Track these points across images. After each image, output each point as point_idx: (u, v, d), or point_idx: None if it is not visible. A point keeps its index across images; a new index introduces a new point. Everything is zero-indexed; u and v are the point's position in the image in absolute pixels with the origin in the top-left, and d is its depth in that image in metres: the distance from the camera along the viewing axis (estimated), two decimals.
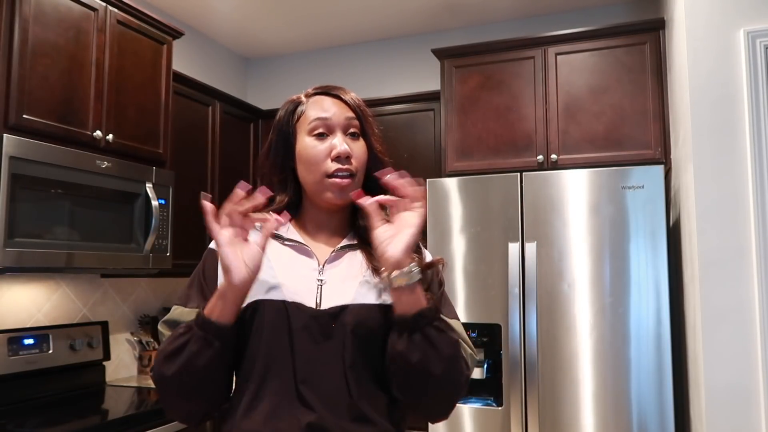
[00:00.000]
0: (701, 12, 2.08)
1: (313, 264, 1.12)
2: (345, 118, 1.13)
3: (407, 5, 3.33)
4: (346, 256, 1.14)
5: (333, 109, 1.14)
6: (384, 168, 1.09)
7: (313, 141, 1.12)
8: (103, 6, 2.38)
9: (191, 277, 1.17)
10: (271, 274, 1.09)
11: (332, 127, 1.12)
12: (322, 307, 1.07)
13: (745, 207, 1.98)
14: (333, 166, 1.10)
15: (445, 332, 1.03)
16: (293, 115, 1.16)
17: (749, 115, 1.98)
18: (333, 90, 1.17)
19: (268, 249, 1.09)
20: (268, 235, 1.00)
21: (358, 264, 1.13)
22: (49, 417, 2.20)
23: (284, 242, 1.14)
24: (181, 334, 1.02)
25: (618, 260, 2.40)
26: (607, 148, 2.67)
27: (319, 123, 1.12)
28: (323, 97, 1.16)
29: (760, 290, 1.93)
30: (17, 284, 2.43)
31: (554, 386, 2.42)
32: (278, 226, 1.01)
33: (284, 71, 4.02)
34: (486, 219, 2.58)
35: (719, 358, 1.96)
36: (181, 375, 1.01)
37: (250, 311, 1.06)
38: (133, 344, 2.96)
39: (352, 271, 1.12)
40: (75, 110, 2.25)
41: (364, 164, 1.14)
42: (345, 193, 1.11)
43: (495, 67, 2.89)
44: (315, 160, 1.11)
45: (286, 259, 1.12)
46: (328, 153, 1.11)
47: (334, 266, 1.12)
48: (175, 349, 1.01)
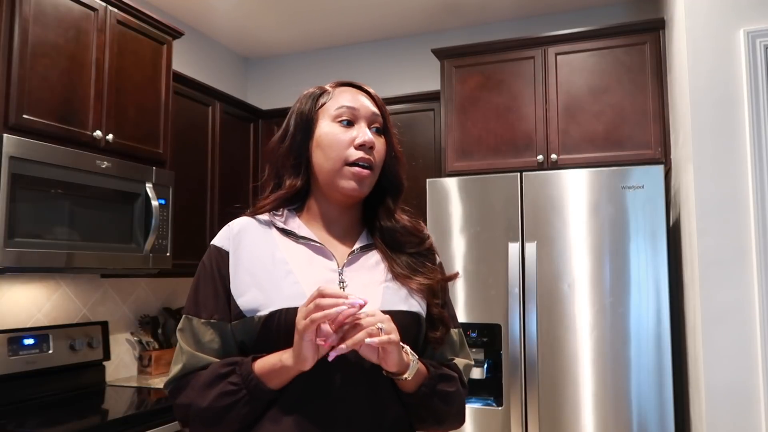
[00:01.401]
0: (701, 12, 2.08)
1: (332, 265, 1.09)
2: (371, 113, 1.13)
3: (407, 5, 3.33)
4: (362, 257, 1.12)
5: (361, 101, 1.13)
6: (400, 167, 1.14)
7: (338, 127, 1.11)
8: (103, 6, 2.38)
9: (198, 281, 1.11)
10: (292, 278, 1.05)
11: (358, 118, 1.12)
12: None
13: (745, 207, 1.98)
14: (356, 154, 1.08)
15: (447, 391, 1.08)
16: (316, 101, 1.14)
17: (749, 115, 1.98)
18: (360, 84, 1.18)
19: (282, 247, 1.08)
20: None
21: (377, 266, 1.12)
22: (49, 417, 2.20)
23: (298, 240, 1.10)
24: (230, 392, 0.99)
25: (618, 260, 2.40)
26: (607, 148, 2.67)
27: (346, 111, 1.11)
28: (351, 89, 1.16)
29: (760, 290, 1.93)
30: (17, 284, 2.43)
31: (554, 386, 2.42)
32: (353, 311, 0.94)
33: (284, 71, 4.02)
34: (486, 219, 2.58)
35: (719, 358, 1.96)
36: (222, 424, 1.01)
37: (275, 320, 1.02)
38: (133, 344, 2.96)
39: (372, 274, 1.10)
40: (75, 110, 2.25)
41: (382, 160, 1.13)
42: (362, 184, 1.09)
43: (495, 67, 2.89)
44: (337, 146, 1.09)
45: (304, 261, 1.08)
46: (351, 141, 1.09)
47: (353, 269, 1.10)
48: (224, 407, 0.99)
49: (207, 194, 3.08)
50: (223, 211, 3.16)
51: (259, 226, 1.12)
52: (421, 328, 1.11)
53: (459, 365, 1.16)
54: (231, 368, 1.01)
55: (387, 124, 1.16)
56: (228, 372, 1.00)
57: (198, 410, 1.01)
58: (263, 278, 1.06)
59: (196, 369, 1.04)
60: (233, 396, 0.99)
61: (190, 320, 1.08)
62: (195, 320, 1.07)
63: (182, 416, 1.05)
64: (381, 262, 1.12)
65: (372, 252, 1.14)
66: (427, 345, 1.13)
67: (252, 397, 0.98)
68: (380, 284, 1.09)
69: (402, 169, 1.17)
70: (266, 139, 3.54)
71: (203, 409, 1.00)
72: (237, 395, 0.99)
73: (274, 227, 1.12)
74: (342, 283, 1.07)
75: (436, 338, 1.11)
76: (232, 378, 1.00)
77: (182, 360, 1.06)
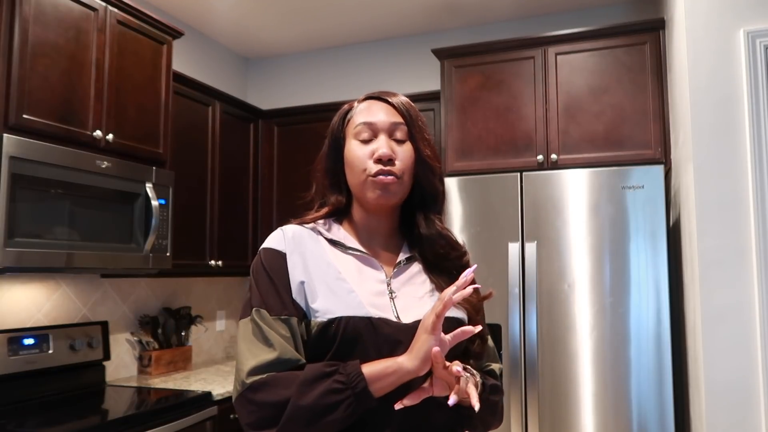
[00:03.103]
0: (701, 12, 2.08)
1: (381, 276, 1.11)
2: (390, 123, 1.13)
3: (407, 5, 3.33)
4: (408, 269, 1.15)
5: (379, 114, 1.13)
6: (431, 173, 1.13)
7: (358, 144, 1.12)
8: (103, 6, 2.38)
9: (258, 282, 1.07)
10: (346, 287, 1.06)
11: (377, 131, 1.12)
12: (403, 321, 1.06)
13: (745, 207, 1.98)
14: (375, 168, 1.09)
15: (495, 401, 1.11)
16: (344, 120, 1.17)
17: (749, 115, 1.98)
18: (383, 95, 1.17)
19: (332, 257, 1.10)
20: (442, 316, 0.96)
21: (420, 277, 1.15)
22: (49, 417, 2.20)
23: (347, 251, 1.13)
24: (335, 390, 0.95)
25: (618, 260, 2.40)
26: (607, 148, 2.67)
27: (363, 127, 1.13)
28: (372, 102, 1.16)
29: (760, 290, 1.93)
30: (17, 284, 2.43)
31: (554, 386, 2.42)
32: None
33: (284, 71, 4.02)
34: (486, 219, 2.58)
35: (719, 358, 1.96)
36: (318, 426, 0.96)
37: (333, 327, 1.02)
38: (133, 344, 2.96)
39: (416, 283, 1.13)
40: (75, 110, 2.25)
41: (410, 168, 1.12)
42: (387, 192, 1.10)
43: (495, 67, 2.89)
44: (358, 162, 1.11)
45: (354, 271, 1.10)
46: (370, 155, 1.10)
47: (400, 280, 1.13)
48: (327, 406, 0.94)
49: (207, 194, 3.08)
50: (223, 211, 3.17)
51: (308, 234, 1.14)
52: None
53: (496, 371, 1.21)
54: (335, 368, 0.97)
55: (412, 130, 1.14)
56: (333, 371, 0.96)
57: (297, 408, 0.94)
58: (319, 284, 1.06)
59: (287, 361, 0.99)
60: (338, 395, 0.94)
61: (260, 313, 1.03)
62: (266, 314, 1.02)
63: (269, 415, 0.96)
64: (423, 273, 1.15)
65: (414, 264, 1.16)
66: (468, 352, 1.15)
67: (356, 399, 0.94)
68: (425, 293, 1.12)
69: (433, 175, 1.15)
70: (266, 139, 3.55)
71: (303, 407, 0.94)
72: (342, 394, 0.94)
73: (322, 236, 1.14)
74: (392, 294, 1.10)
75: (477, 352, 1.14)
76: (337, 377, 0.96)
77: (275, 349, 0.99)
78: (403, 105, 1.15)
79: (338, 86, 3.82)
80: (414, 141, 1.14)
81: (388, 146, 1.10)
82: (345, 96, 3.64)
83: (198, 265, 3.02)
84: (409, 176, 1.12)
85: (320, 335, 1.02)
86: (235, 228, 3.29)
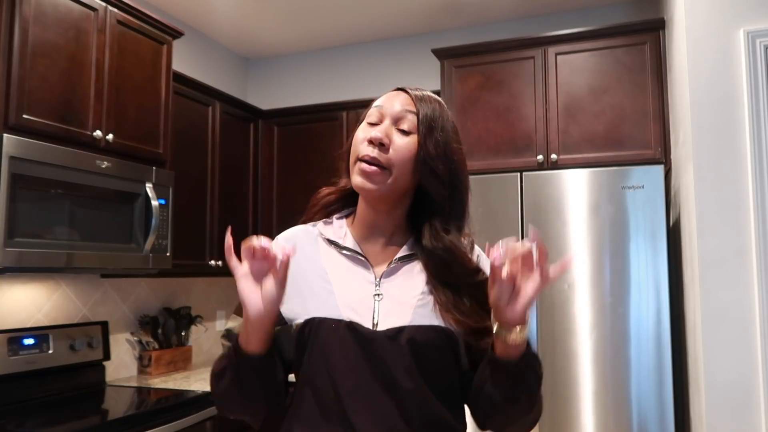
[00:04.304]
0: (701, 12, 2.08)
1: (370, 277, 1.07)
2: (398, 111, 1.06)
3: (407, 5, 3.33)
4: (403, 268, 1.09)
5: (393, 101, 1.08)
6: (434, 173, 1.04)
7: (363, 126, 1.08)
8: (103, 6, 2.38)
9: None
10: (328, 288, 1.06)
11: (384, 116, 1.07)
12: (380, 326, 1.01)
13: (745, 207, 1.98)
14: (364, 151, 1.04)
15: (536, 370, 1.03)
16: (369, 105, 1.13)
17: (749, 115, 1.98)
18: (409, 87, 1.12)
19: (325, 258, 1.09)
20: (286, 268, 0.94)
21: (416, 277, 1.07)
22: (49, 417, 2.20)
23: (341, 251, 1.10)
24: (223, 357, 1.06)
25: (618, 260, 2.40)
26: (607, 148, 2.67)
27: (374, 110, 1.08)
28: (396, 92, 1.11)
29: (760, 290, 1.93)
30: (17, 284, 2.43)
31: (554, 386, 2.42)
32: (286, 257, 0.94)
33: (284, 71, 4.02)
34: (486, 219, 2.58)
35: (719, 358, 1.96)
36: (229, 392, 1.05)
37: (307, 328, 1.02)
38: (133, 344, 2.96)
39: (409, 286, 1.06)
40: (75, 110, 2.25)
41: (405, 161, 1.04)
42: (369, 180, 1.03)
43: (495, 67, 2.89)
44: (354, 143, 1.08)
45: (343, 270, 1.08)
46: (366, 138, 1.05)
47: (391, 280, 1.07)
48: (220, 371, 1.05)
49: (207, 194, 3.08)
50: (223, 211, 3.17)
51: (306, 235, 1.14)
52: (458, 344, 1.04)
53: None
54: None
55: (422, 125, 1.05)
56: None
57: (211, 379, 1.08)
58: (304, 287, 1.07)
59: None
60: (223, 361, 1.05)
61: (236, 319, 1.11)
62: (239, 319, 1.08)
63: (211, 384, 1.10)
64: (423, 272, 1.07)
65: (415, 262, 1.09)
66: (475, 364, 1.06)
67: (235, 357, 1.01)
68: (415, 296, 1.05)
69: (435, 178, 1.05)
70: (266, 139, 3.55)
71: (212, 377, 1.08)
72: (225, 360, 1.05)
73: (321, 237, 1.13)
74: (377, 297, 1.05)
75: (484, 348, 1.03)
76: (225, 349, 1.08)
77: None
78: (422, 98, 1.08)
79: (338, 86, 3.82)
80: (421, 135, 1.05)
81: (384, 131, 1.04)
82: (345, 96, 3.64)
83: (198, 265, 3.02)
84: (403, 171, 1.04)
85: (299, 336, 1.04)
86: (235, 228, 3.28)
